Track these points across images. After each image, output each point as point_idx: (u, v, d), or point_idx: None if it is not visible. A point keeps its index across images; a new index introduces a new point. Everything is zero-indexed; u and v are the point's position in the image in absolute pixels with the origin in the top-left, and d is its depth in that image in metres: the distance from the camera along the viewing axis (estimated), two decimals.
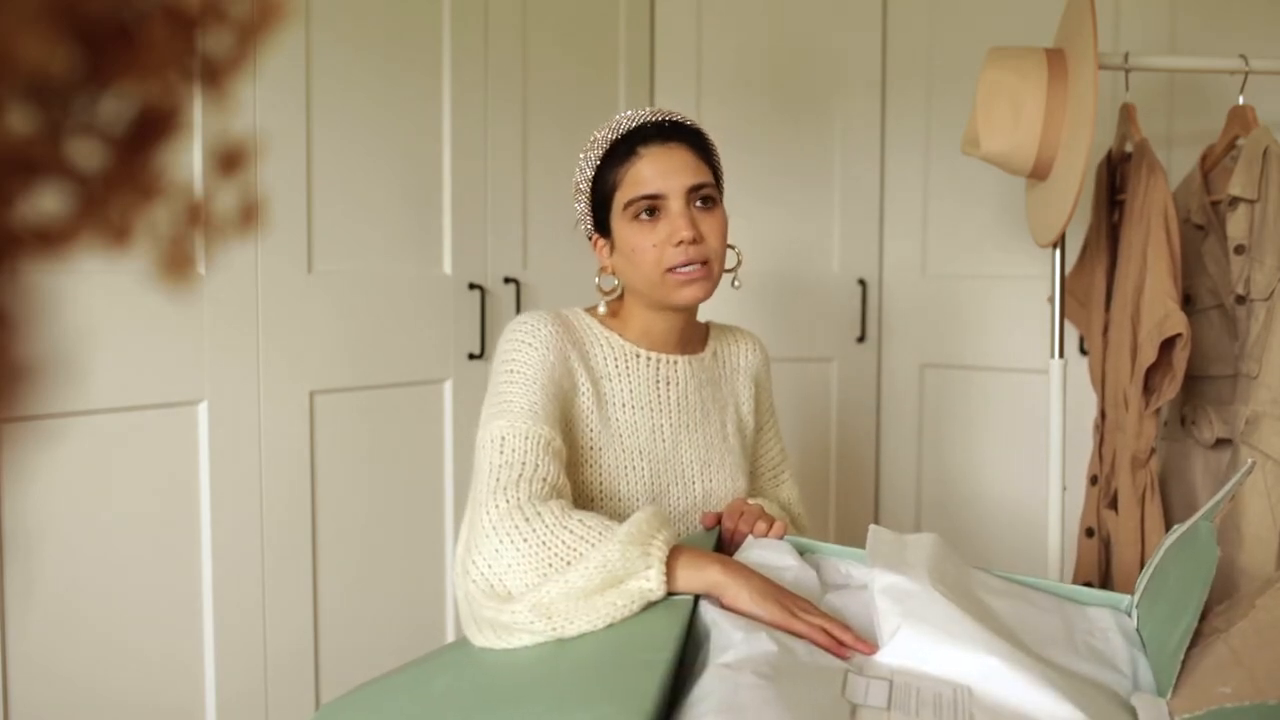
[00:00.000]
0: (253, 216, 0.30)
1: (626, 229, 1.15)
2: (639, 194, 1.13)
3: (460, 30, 1.82)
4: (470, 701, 0.83)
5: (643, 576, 0.89)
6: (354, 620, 1.70)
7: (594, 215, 1.21)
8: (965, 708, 0.77)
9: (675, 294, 1.13)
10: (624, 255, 1.16)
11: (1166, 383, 1.58)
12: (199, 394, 1.45)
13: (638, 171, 1.13)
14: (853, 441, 2.38)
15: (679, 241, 1.11)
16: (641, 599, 0.89)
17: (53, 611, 1.31)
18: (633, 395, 1.17)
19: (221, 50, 0.28)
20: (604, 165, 1.17)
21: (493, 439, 1.03)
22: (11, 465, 1.26)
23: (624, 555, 0.88)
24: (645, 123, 1.16)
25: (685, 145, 1.15)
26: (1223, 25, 1.97)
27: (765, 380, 1.35)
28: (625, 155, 1.15)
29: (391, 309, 1.73)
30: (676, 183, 1.13)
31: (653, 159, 1.13)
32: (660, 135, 1.14)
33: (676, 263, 1.12)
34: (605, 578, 0.88)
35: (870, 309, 2.34)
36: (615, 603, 0.88)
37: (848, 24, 2.30)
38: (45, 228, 0.26)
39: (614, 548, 0.88)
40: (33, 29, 0.24)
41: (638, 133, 1.15)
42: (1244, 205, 1.55)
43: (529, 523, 0.93)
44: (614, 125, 1.17)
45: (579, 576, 0.87)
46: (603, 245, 1.21)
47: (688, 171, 1.14)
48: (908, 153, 2.31)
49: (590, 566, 0.88)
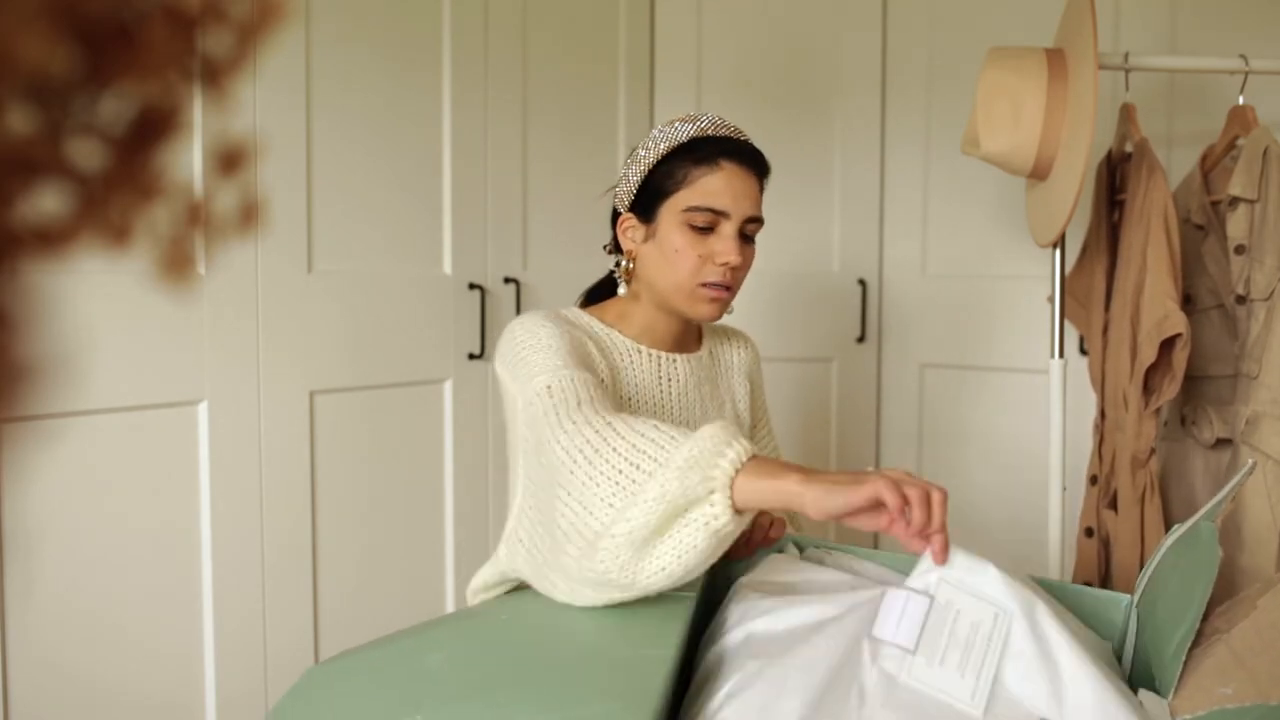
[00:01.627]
0: (253, 216, 0.30)
1: (677, 230, 1.13)
2: (708, 205, 1.12)
3: (460, 30, 1.82)
4: (466, 683, 0.82)
5: (706, 502, 0.80)
6: (354, 620, 1.70)
7: (640, 196, 1.17)
8: (1001, 637, 0.77)
9: (697, 307, 1.15)
10: (661, 251, 1.15)
11: (1166, 383, 1.58)
12: (199, 394, 1.45)
13: (714, 181, 1.12)
14: (853, 441, 2.38)
15: (724, 263, 1.12)
16: (710, 533, 0.80)
17: (53, 611, 1.31)
18: (637, 390, 1.17)
19: (221, 50, 0.28)
20: (680, 155, 1.14)
21: (537, 393, 0.98)
22: (11, 465, 1.26)
23: (683, 483, 0.80)
24: (733, 137, 1.15)
25: (757, 177, 1.16)
26: (1223, 25, 1.97)
27: (758, 377, 1.37)
28: (707, 159, 1.13)
29: (391, 309, 1.73)
30: (742, 207, 1.13)
31: (731, 177, 1.13)
32: (742, 157, 1.14)
33: (712, 280, 1.13)
34: (666, 510, 0.80)
35: (870, 309, 2.34)
36: (681, 541, 0.80)
37: (848, 24, 2.30)
38: (45, 228, 0.26)
39: (672, 475, 0.80)
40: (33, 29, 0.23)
41: (725, 144, 1.14)
42: (1244, 205, 1.54)
43: (600, 435, 0.87)
44: (699, 121, 1.15)
45: (640, 513, 0.80)
46: (635, 228, 1.18)
47: (753, 201, 1.15)
48: (908, 153, 2.31)
49: (650, 499, 0.80)
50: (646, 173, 1.16)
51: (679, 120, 1.16)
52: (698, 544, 0.81)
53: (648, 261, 1.17)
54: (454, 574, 1.87)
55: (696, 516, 0.81)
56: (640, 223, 1.18)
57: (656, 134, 1.17)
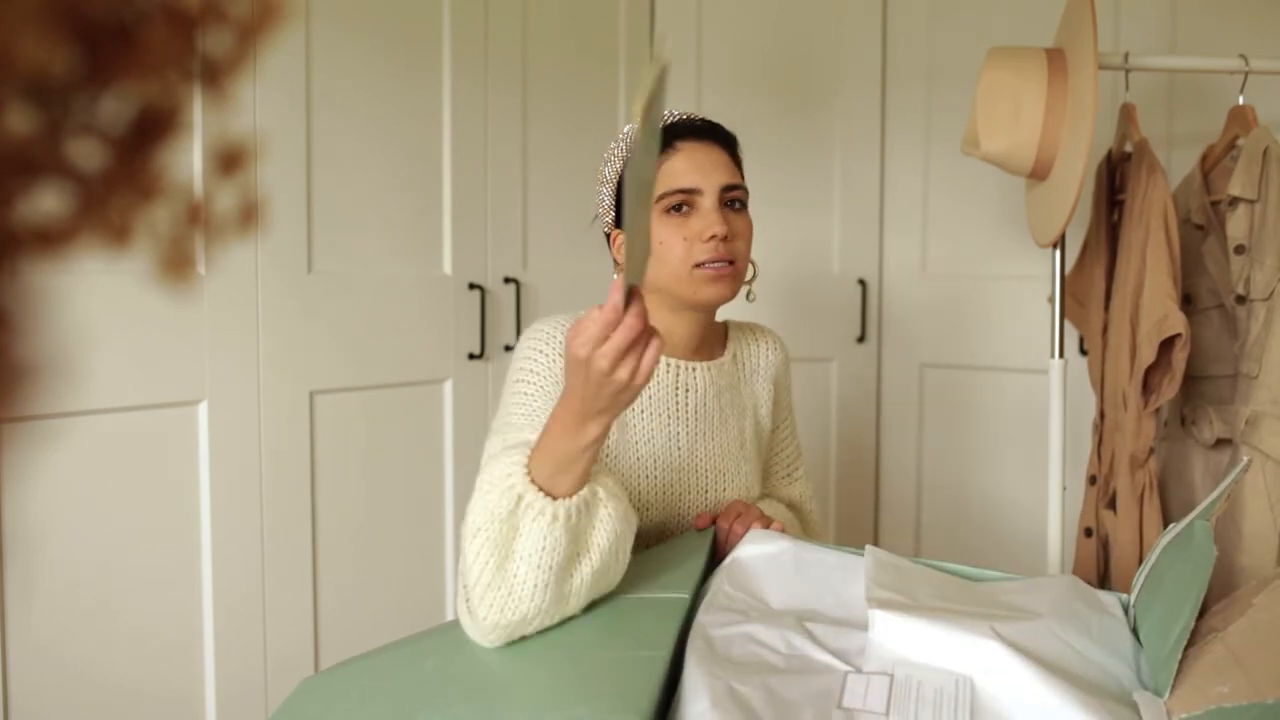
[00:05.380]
0: (253, 216, 0.30)
1: (656, 223, 1.11)
2: (673, 187, 1.10)
3: (460, 30, 1.82)
4: (461, 687, 0.82)
5: (521, 505, 0.84)
6: (354, 620, 1.70)
7: (618, 209, 1.17)
8: (966, 701, 0.77)
9: (701, 290, 1.11)
10: (652, 250, 1.14)
11: (1166, 383, 1.58)
12: (199, 394, 1.45)
13: (673, 165, 1.11)
14: (853, 441, 2.38)
15: (710, 237, 1.09)
16: (543, 518, 0.84)
17: (53, 612, 1.31)
18: (650, 402, 1.15)
19: (221, 50, 0.28)
20: None
21: (492, 449, 1.06)
22: (11, 465, 1.26)
23: (493, 512, 0.85)
24: (682, 119, 1.14)
25: (721, 146, 1.14)
26: (1223, 25, 1.97)
27: (785, 379, 1.33)
28: (663, 147, 1.12)
29: (391, 309, 1.73)
30: (712, 179, 1.11)
31: (689, 154, 1.11)
32: (696, 133, 1.13)
33: (706, 258, 1.09)
34: (491, 544, 0.84)
35: (870, 309, 2.34)
36: (530, 551, 0.83)
37: (848, 24, 2.30)
38: (45, 228, 0.26)
39: (493, 498, 0.85)
40: (33, 29, 0.24)
41: (674, 128, 1.13)
42: (1244, 205, 1.55)
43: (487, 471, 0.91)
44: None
45: (471, 556, 0.85)
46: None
47: (723, 170, 1.12)
48: (908, 153, 2.31)
49: (469, 542, 0.86)
50: (615, 186, 1.17)
51: (628, 128, 1.16)
52: (545, 543, 0.83)
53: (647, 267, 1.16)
54: (453, 573, 1.87)
55: (525, 520, 0.84)
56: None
57: (613, 146, 1.18)
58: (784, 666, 0.83)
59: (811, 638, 0.87)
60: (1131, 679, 0.86)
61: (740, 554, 1.03)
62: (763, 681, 0.78)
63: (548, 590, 0.85)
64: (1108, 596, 0.99)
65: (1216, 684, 0.77)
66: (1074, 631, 0.88)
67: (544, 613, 0.86)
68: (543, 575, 0.84)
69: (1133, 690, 0.84)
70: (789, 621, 0.90)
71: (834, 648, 0.86)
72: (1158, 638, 0.87)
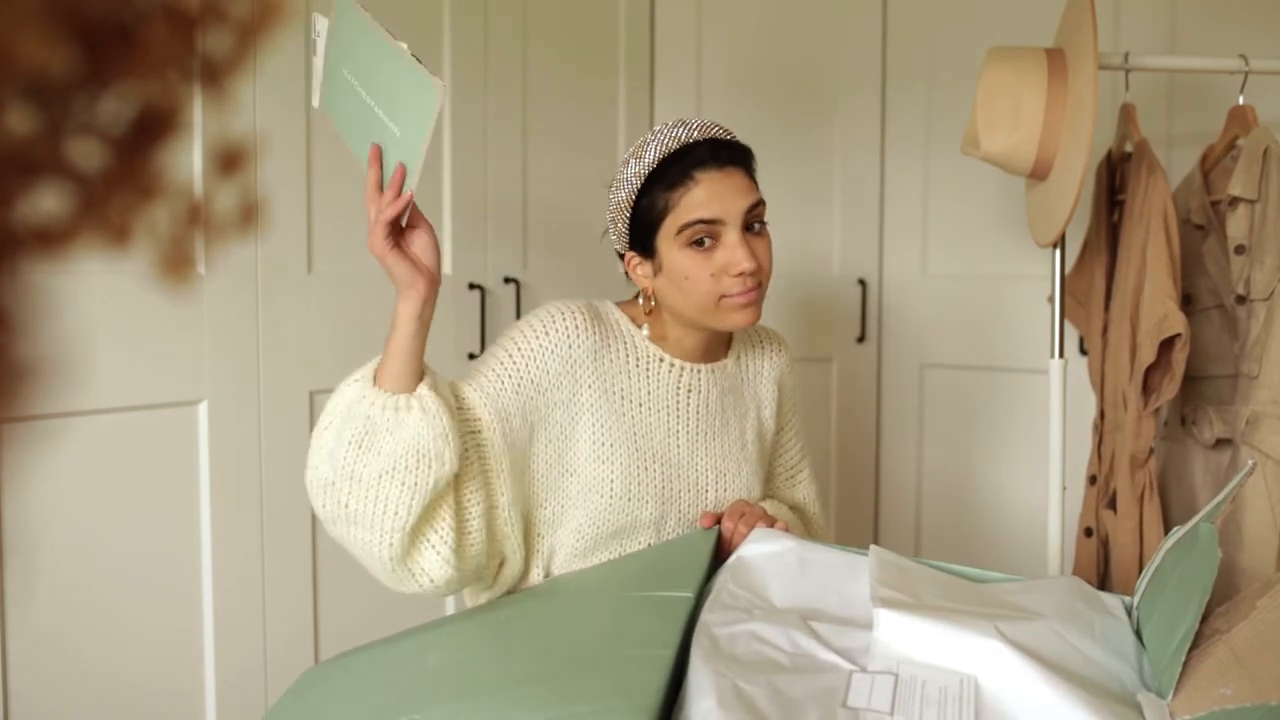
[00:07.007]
0: (253, 216, 0.30)
1: (680, 255, 1.09)
2: (695, 218, 1.08)
3: (460, 30, 1.82)
4: (464, 683, 0.82)
5: (352, 378, 1.04)
6: (354, 619, 1.69)
7: (633, 234, 1.15)
8: (971, 701, 0.77)
9: (728, 318, 1.11)
10: (673, 281, 1.11)
11: (1166, 383, 1.58)
12: (199, 394, 1.45)
13: (694, 196, 1.08)
14: (853, 441, 2.38)
15: (739, 273, 1.08)
16: (350, 388, 1.03)
17: (53, 612, 1.31)
18: (650, 396, 1.15)
19: (221, 50, 0.28)
20: (652, 186, 1.10)
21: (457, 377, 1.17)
22: (11, 465, 1.26)
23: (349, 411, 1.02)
24: (696, 142, 1.10)
25: (739, 168, 1.12)
26: (1223, 25, 1.97)
27: (789, 381, 1.32)
28: (679, 179, 1.09)
29: (392, 309, 1.72)
30: (734, 208, 1.08)
31: (709, 185, 1.08)
32: (715, 160, 1.09)
33: (734, 291, 1.09)
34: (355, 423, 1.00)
35: (870, 309, 2.34)
36: (344, 423, 1.00)
37: (848, 24, 2.30)
38: (45, 228, 0.26)
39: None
40: (33, 29, 0.23)
41: (691, 154, 1.09)
42: (1244, 205, 1.55)
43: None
44: (660, 140, 1.11)
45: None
46: (641, 265, 1.15)
47: (743, 194, 1.10)
48: (908, 153, 2.31)
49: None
50: (629, 214, 1.14)
51: (632, 157, 1.13)
52: (348, 414, 1.00)
53: (666, 294, 1.13)
54: None
55: (343, 385, 1.04)
56: (644, 259, 1.15)
57: (625, 172, 1.13)
58: (789, 665, 0.83)
59: (816, 636, 0.87)
60: (1134, 680, 0.86)
61: (744, 553, 1.03)
62: (768, 680, 0.78)
63: (337, 461, 0.98)
64: (1110, 598, 0.99)
65: (1220, 685, 0.77)
66: (1077, 632, 0.87)
67: (340, 483, 0.99)
68: (340, 445, 0.98)
69: (1135, 691, 0.84)
70: (793, 620, 0.90)
71: (839, 647, 0.86)
72: (1162, 639, 0.87)
